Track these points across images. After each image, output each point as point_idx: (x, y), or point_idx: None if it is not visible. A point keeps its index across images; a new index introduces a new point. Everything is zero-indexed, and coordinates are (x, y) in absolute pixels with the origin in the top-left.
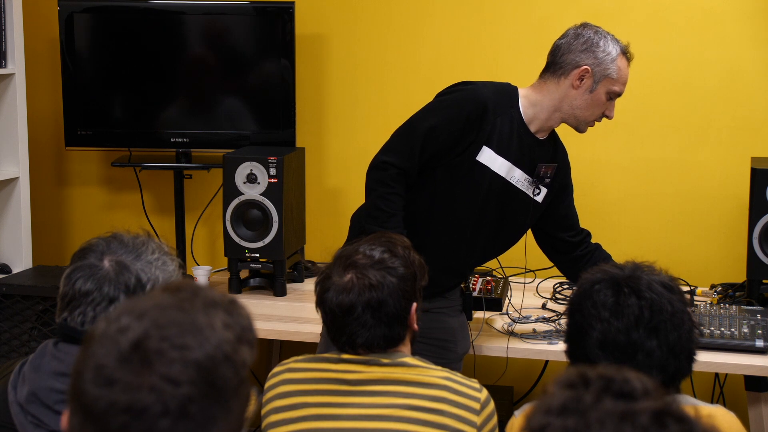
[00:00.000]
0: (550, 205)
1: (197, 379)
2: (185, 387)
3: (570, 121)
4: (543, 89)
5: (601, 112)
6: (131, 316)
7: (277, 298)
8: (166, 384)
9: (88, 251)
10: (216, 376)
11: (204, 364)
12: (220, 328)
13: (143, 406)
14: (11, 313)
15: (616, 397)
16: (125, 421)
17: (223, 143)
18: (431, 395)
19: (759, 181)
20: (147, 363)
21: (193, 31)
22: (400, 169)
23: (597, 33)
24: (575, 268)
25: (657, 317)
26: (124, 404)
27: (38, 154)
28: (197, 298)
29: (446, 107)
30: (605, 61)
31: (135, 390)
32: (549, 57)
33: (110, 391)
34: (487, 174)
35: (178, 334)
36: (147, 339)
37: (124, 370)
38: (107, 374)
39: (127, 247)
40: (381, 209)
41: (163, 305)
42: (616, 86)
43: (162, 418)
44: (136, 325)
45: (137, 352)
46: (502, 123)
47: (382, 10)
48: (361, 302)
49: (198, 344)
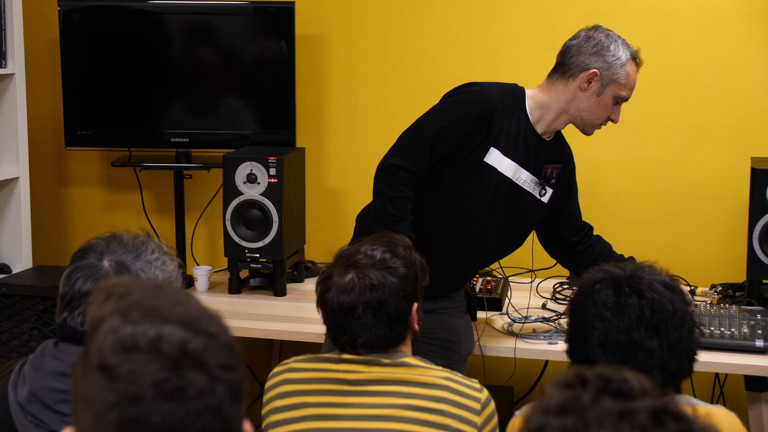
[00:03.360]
0: (555, 205)
1: (238, 360)
2: (237, 370)
3: (577, 123)
4: (551, 90)
5: (607, 116)
6: (147, 322)
7: (277, 298)
8: (226, 372)
9: (87, 251)
10: (241, 358)
11: (232, 345)
12: (208, 307)
13: (218, 400)
14: (11, 313)
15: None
16: (205, 422)
17: (223, 143)
18: (432, 395)
19: (759, 181)
20: (199, 363)
21: (193, 31)
22: (410, 173)
23: (608, 37)
24: (577, 262)
25: (658, 317)
26: (201, 407)
27: (38, 154)
28: (176, 291)
29: (455, 108)
30: (614, 66)
31: (207, 392)
32: (558, 57)
33: (178, 404)
34: (495, 175)
35: (198, 321)
36: (190, 342)
37: (181, 377)
38: (168, 387)
39: (126, 247)
40: (390, 213)
41: (165, 305)
42: (624, 91)
43: (232, 403)
44: (166, 328)
45: (185, 356)
46: (509, 124)
47: (383, 10)
48: (362, 302)
49: (220, 330)
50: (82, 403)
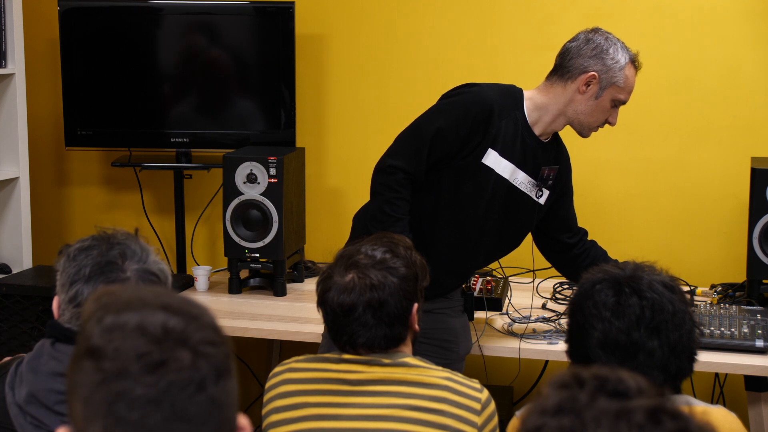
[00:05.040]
0: (551, 207)
1: (222, 339)
2: (222, 346)
3: (574, 125)
4: (549, 92)
5: (605, 119)
6: (131, 311)
7: (277, 298)
8: (209, 347)
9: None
10: (226, 338)
11: (215, 325)
12: (195, 301)
13: (202, 375)
14: (11, 313)
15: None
16: (189, 393)
17: (223, 143)
18: (432, 395)
19: (759, 181)
20: (182, 339)
21: (193, 31)
22: (408, 173)
23: (608, 40)
24: (572, 266)
25: (658, 317)
26: (185, 379)
27: (38, 154)
28: (165, 285)
29: (453, 109)
30: (613, 69)
31: (189, 364)
32: (557, 59)
33: (161, 376)
34: (492, 176)
35: (179, 305)
36: (169, 320)
37: (166, 350)
38: (154, 359)
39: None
40: (387, 213)
41: (145, 295)
42: (622, 95)
43: (217, 381)
44: (145, 315)
45: (168, 332)
46: (506, 125)
47: (383, 9)
48: (362, 302)
49: (202, 312)
50: (73, 394)
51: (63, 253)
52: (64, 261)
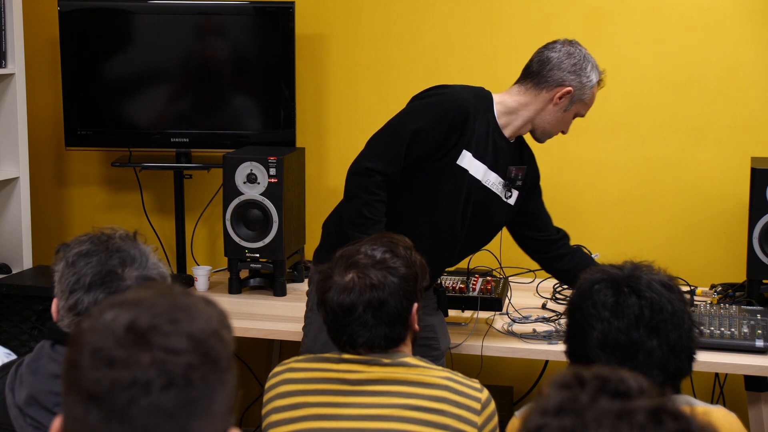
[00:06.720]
0: (521, 206)
1: (194, 349)
2: (186, 355)
3: (536, 131)
4: (521, 97)
5: (562, 129)
6: (116, 308)
7: (277, 298)
8: (167, 354)
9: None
10: (210, 348)
11: (198, 336)
12: (203, 307)
13: (147, 379)
14: (11, 313)
15: (612, 396)
16: (131, 396)
17: (223, 143)
18: (432, 395)
19: (759, 181)
20: (144, 340)
21: (193, 31)
22: (385, 176)
23: (585, 58)
24: (555, 266)
25: (657, 317)
26: (127, 380)
27: (38, 154)
28: (174, 288)
29: (429, 111)
30: (586, 87)
31: (137, 365)
32: (535, 65)
33: (111, 371)
34: (466, 178)
35: (167, 312)
36: (139, 320)
37: (122, 349)
38: (106, 355)
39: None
40: (365, 216)
41: (144, 295)
42: (584, 110)
43: (167, 390)
44: (125, 312)
45: (132, 332)
46: (479, 127)
47: (383, 9)
48: (362, 302)
49: (188, 320)
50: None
51: (60, 253)
52: (63, 266)
